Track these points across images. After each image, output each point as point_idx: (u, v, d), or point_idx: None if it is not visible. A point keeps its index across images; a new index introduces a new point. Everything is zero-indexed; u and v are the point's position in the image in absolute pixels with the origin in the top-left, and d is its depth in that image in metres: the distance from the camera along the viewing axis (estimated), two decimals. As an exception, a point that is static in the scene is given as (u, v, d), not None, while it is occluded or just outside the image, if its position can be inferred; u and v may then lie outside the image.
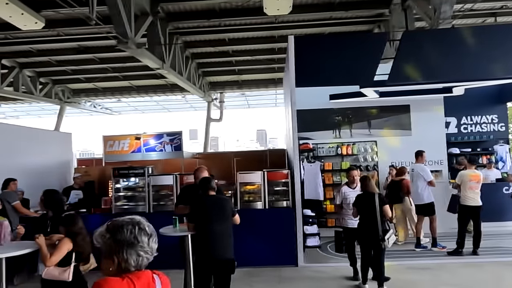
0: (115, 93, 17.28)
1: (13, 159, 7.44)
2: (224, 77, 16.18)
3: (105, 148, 10.60)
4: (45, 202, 4.33)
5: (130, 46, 7.85)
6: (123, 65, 13.69)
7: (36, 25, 9.37)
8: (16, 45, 11.72)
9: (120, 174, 6.82)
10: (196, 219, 4.18)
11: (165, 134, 10.75)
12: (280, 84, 16.90)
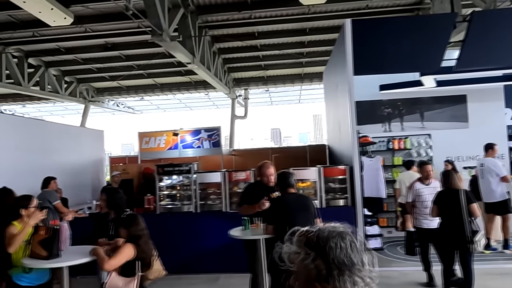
0: (139, 91, 17.10)
1: (48, 157, 7.20)
2: (249, 73, 15.78)
3: (141, 145, 10.30)
4: (108, 202, 4.00)
5: (165, 39, 7.51)
6: (149, 62, 13.43)
7: (65, 20, 9.13)
8: (43, 43, 11.58)
9: (165, 171, 6.49)
10: (277, 220, 3.71)
11: (202, 130, 10.38)
12: (307, 79, 16.48)
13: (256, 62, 14.34)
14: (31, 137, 6.85)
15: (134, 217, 3.41)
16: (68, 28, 10.33)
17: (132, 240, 3.24)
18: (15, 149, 6.33)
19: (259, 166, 4.53)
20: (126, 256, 3.20)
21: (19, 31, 10.41)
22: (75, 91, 15.69)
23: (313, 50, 13.20)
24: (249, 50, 12.95)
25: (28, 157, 6.59)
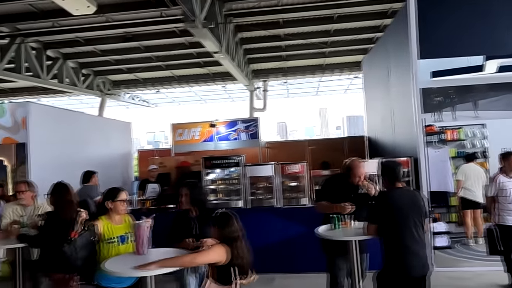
0: (156, 84, 16.79)
1: (79, 149, 6.91)
2: (269, 64, 15.38)
3: (174, 137, 9.96)
4: (192, 198, 3.63)
5: (197, 25, 7.17)
6: (168, 53, 13.09)
7: (88, 9, 8.79)
8: (62, 34, 11.28)
9: (213, 164, 6.15)
10: (382, 219, 3.28)
11: (239, 121, 10.03)
12: (328, 70, 16.06)
13: (277, 52, 13.93)
14: (68, 129, 6.59)
15: (229, 216, 2.98)
16: (89, 17, 10.03)
17: (226, 242, 2.86)
18: (51, 141, 6.08)
19: (349, 165, 4.02)
20: (217, 256, 2.83)
21: (39, 21, 10.10)
22: (92, 84, 15.43)
23: (338, 39, 12.76)
24: (271, 39, 12.56)
25: (64, 149, 6.34)
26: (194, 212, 3.62)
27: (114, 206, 3.36)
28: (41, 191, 5.81)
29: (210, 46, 8.93)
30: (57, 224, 3.45)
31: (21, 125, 5.71)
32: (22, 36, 11.14)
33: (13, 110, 5.82)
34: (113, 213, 3.39)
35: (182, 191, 3.68)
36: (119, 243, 3.33)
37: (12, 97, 18.06)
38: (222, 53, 9.42)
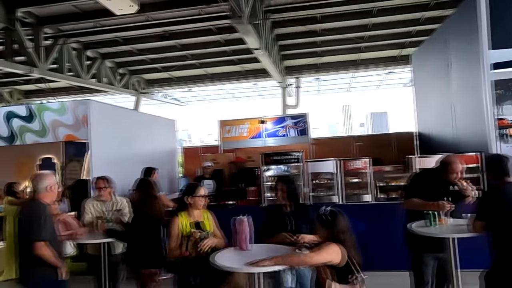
0: (189, 82, 16.93)
1: (132, 146, 7.00)
2: (303, 60, 15.21)
3: (222, 134, 10.01)
4: (289, 193, 3.58)
5: (243, 21, 7.11)
6: (203, 51, 13.15)
7: (131, 8, 8.92)
8: (102, 34, 11.51)
9: (273, 160, 6.12)
10: (491, 216, 3.08)
11: (288, 117, 9.97)
12: (362, 65, 15.75)
13: (312, 48, 13.78)
14: (122, 126, 6.68)
15: (338, 214, 2.83)
16: (129, 17, 10.18)
17: (337, 241, 2.73)
18: (109, 138, 6.18)
19: (445, 161, 3.76)
20: (334, 255, 2.69)
21: (82, 22, 10.33)
22: (128, 83, 15.72)
23: (376, 33, 12.48)
24: (307, 35, 12.41)
25: (119, 146, 6.43)
26: (289, 208, 3.54)
27: (194, 202, 3.36)
28: None
29: (252, 42, 8.89)
30: (143, 220, 3.47)
31: (82, 123, 5.82)
32: (64, 37, 11.42)
33: (74, 108, 5.93)
34: (192, 208, 3.38)
35: (278, 186, 3.63)
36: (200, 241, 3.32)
37: (51, 97, 18.62)
38: (262, 49, 9.35)
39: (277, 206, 3.62)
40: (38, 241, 3.06)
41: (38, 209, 3.14)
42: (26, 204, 3.35)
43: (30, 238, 3.09)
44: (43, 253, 3.08)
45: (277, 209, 3.60)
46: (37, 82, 16.53)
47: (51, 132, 5.97)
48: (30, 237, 3.08)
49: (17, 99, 18.07)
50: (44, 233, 3.09)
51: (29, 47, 10.09)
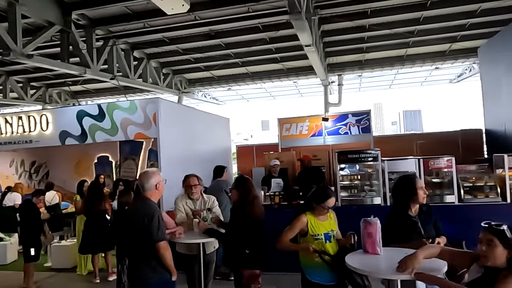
0: (229, 81, 16.95)
1: (194, 144, 7.02)
2: (347, 57, 14.87)
3: (281, 132, 9.93)
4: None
5: (302, 17, 6.95)
6: (247, 50, 13.09)
7: (183, 8, 8.90)
8: (150, 34, 11.64)
9: (349, 159, 5.95)
10: None
11: (350, 114, 9.76)
12: (408, 61, 15.22)
13: (358, 44, 13.41)
14: (186, 124, 6.72)
15: None
16: (178, 17, 10.24)
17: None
18: (176, 136, 6.22)
19: None
20: None
21: (132, 22, 10.47)
22: (171, 83, 15.91)
23: (427, 27, 11.99)
24: (354, 31, 12.09)
25: (184, 144, 6.47)
26: (414, 211, 3.34)
27: (319, 210, 3.28)
28: (171, 186, 5.96)
29: (305, 39, 8.71)
30: (244, 219, 3.40)
31: (152, 121, 5.86)
32: (114, 38, 11.65)
33: (144, 106, 5.99)
34: (317, 211, 3.30)
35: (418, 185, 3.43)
36: (325, 241, 3.22)
37: (95, 98, 19.21)
38: (313, 46, 9.15)
39: (398, 208, 3.42)
40: (160, 241, 3.03)
41: (154, 208, 3.11)
42: (136, 203, 3.31)
43: (152, 239, 3.05)
44: (165, 254, 3.06)
45: (401, 212, 3.39)
46: (83, 83, 17.11)
47: (121, 130, 6.06)
48: (152, 238, 3.05)
49: (64, 100, 18.73)
50: (164, 233, 3.07)
51: (83, 48, 10.34)
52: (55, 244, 7.11)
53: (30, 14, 8.77)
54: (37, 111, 7.31)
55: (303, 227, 3.19)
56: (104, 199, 6.32)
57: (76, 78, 15.88)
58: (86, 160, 9.30)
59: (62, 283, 6.67)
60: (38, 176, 10.01)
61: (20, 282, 6.47)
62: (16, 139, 6.84)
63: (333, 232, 3.27)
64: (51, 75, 15.72)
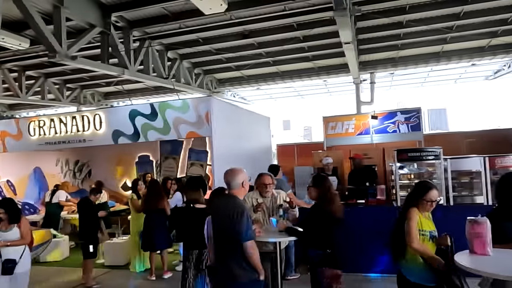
0: (259, 81, 16.93)
1: (241, 142, 7.03)
2: (380, 54, 14.57)
3: (326, 131, 9.87)
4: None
5: (347, 13, 6.85)
6: (280, 49, 13.06)
7: (221, 7, 8.94)
8: (185, 35, 11.76)
9: (409, 157, 5.83)
10: None
11: (398, 112, 9.60)
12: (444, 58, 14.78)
13: (393, 41, 13.13)
14: (235, 123, 6.74)
15: None
16: (214, 17, 10.28)
17: None
18: (226, 135, 6.24)
19: None
20: None
21: (169, 23, 10.58)
22: (202, 83, 16.03)
23: (467, 22, 11.62)
24: (390, 27, 11.85)
25: (233, 142, 6.49)
26: None
27: (423, 205, 3.20)
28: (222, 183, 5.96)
29: (346, 36, 8.60)
30: (324, 218, 3.36)
31: (205, 120, 5.88)
32: (149, 39, 11.82)
33: (196, 105, 6.03)
34: (421, 206, 3.25)
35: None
36: (429, 239, 3.16)
37: (127, 98, 19.56)
38: (352, 43, 9.02)
39: (503, 207, 3.28)
40: (249, 241, 3.01)
41: (243, 206, 3.10)
42: (223, 200, 3.29)
43: (241, 237, 3.03)
44: (253, 253, 3.03)
45: (506, 211, 3.25)
46: (116, 84, 17.46)
47: (173, 129, 6.11)
48: (241, 236, 3.03)
49: (97, 101, 19.16)
50: (253, 232, 3.05)
51: (121, 50, 10.53)
52: (107, 241, 7.24)
53: (73, 16, 8.98)
54: (90, 110, 7.48)
55: (417, 221, 3.10)
56: (163, 197, 6.42)
57: (109, 79, 16.29)
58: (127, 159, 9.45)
59: (118, 280, 6.77)
60: (81, 175, 10.28)
61: (76, 277, 6.64)
62: (70, 138, 7.02)
63: (435, 232, 3.19)
64: (86, 77, 16.11)
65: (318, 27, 11.11)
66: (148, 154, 9.39)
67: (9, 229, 4.68)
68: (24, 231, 4.75)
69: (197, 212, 4.70)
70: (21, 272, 4.66)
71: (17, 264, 4.59)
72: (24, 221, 4.84)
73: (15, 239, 4.65)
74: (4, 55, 12.55)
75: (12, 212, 4.71)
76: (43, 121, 7.39)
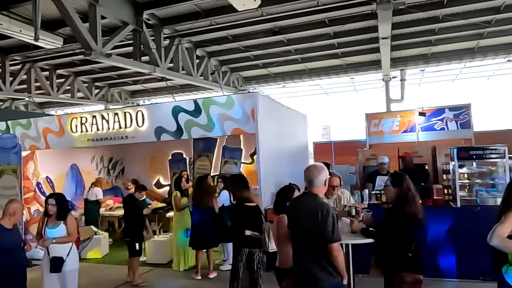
0: (286, 78, 16.76)
1: (283, 140, 6.88)
2: (412, 50, 14.17)
3: (369, 128, 9.64)
4: None
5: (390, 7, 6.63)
6: (309, 45, 12.82)
7: (254, 3, 8.81)
8: (215, 32, 11.69)
9: (471, 155, 5.58)
10: None
11: (447, 109, 9.27)
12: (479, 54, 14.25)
13: (425, 37, 12.73)
14: (278, 120, 6.61)
15: None
16: (244, 13, 10.15)
17: None
18: (270, 132, 6.12)
19: None
20: None
21: (200, 20, 10.52)
22: (229, 81, 15.97)
23: (507, 16, 11.14)
24: (425, 22, 11.47)
25: (276, 140, 6.36)
26: None
27: None
28: (268, 182, 5.85)
29: (385, 31, 8.38)
30: (401, 219, 3.17)
31: (251, 116, 5.76)
32: (179, 37, 11.81)
33: (242, 101, 5.91)
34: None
35: None
36: None
37: (153, 96, 19.72)
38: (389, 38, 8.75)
39: None
40: (335, 242, 2.87)
41: (328, 206, 2.94)
42: (304, 199, 3.13)
43: (327, 239, 2.89)
44: (338, 255, 2.89)
45: None
46: (143, 83, 17.59)
47: (218, 126, 6.01)
48: (326, 238, 2.88)
49: (124, 99, 19.37)
50: (339, 234, 2.90)
51: (153, 48, 10.53)
52: (149, 239, 7.17)
53: (107, 14, 9.02)
54: (133, 107, 7.46)
55: None
56: (212, 195, 6.36)
57: (136, 78, 16.42)
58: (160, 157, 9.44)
59: (162, 278, 6.70)
60: (114, 172, 10.35)
61: (119, 275, 6.64)
62: (112, 135, 7.01)
63: None
64: (114, 75, 16.28)
65: (351, 22, 10.85)
66: (181, 151, 9.34)
67: (56, 225, 4.63)
68: (71, 228, 4.68)
69: (248, 210, 4.62)
70: (69, 269, 4.61)
71: (64, 262, 4.55)
72: (70, 218, 4.75)
73: (62, 236, 4.62)
74: (36, 54, 12.79)
75: (62, 208, 4.67)
76: (85, 118, 7.40)
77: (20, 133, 8.08)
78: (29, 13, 9.21)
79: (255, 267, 4.46)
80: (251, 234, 4.55)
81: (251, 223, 4.59)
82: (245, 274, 4.43)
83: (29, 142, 7.98)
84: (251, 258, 4.46)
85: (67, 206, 4.82)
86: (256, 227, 4.57)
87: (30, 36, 8.71)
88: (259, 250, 4.53)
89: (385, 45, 9.66)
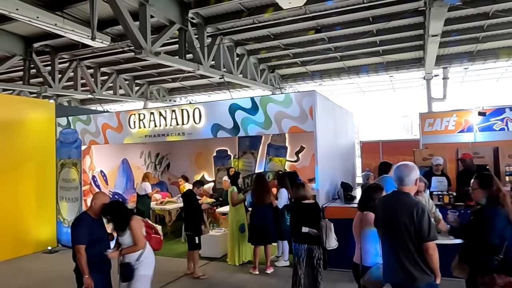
0: (324, 76, 16.64)
1: (336, 138, 6.85)
2: (456, 48, 13.72)
3: (423, 128, 9.51)
4: None
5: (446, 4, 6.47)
6: (351, 43, 12.66)
7: (300, 1, 8.84)
8: (256, 30, 11.75)
9: None
10: None
11: (507, 108, 9.00)
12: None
13: (473, 34, 12.28)
14: (333, 119, 6.61)
15: None
16: (287, 11, 10.15)
17: None
18: (326, 130, 6.13)
19: None
20: None
21: (243, 18, 10.60)
22: (266, 79, 16.02)
23: None
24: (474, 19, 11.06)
25: (331, 139, 6.37)
26: None
27: None
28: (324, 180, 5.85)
29: (436, 28, 8.14)
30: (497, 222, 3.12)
31: (309, 115, 5.79)
32: (221, 35, 11.95)
33: (300, 100, 5.95)
34: None
35: None
36: None
37: (190, 94, 20.06)
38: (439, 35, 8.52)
39: None
40: (431, 241, 2.89)
41: (422, 204, 2.95)
42: (398, 198, 3.11)
43: (422, 238, 2.91)
44: (434, 254, 2.91)
45: None
46: (181, 81, 17.91)
47: (275, 124, 6.07)
48: (423, 236, 2.90)
49: (162, 96, 19.80)
50: (436, 233, 2.92)
51: (197, 46, 10.71)
52: (207, 233, 7.27)
53: (156, 13, 9.24)
54: (189, 104, 7.64)
55: None
56: (270, 192, 6.45)
57: (175, 75, 16.75)
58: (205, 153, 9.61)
59: (221, 272, 6.78)
60: (161, 168, 10.64)
61: (177, 267, 6.82)
62: (170, 131, 7.21)
63: None
64: (154, 73, 16.68)
65: (396, 19, 10.63)
66: (226, 148, 9.47)
67: (123, 234, 4.21)
68: (137, 235, 4.20)
69: (307, 208, 4.66)
70: (141, 274, 4.22)
71: (134, 268, 4.18)
72: (135, 223, 4.25)
73: (128, 246, 4.21)
74: (83, 52, 13.28)
75: (117, 220, 4.20)
76: (143, 114, 7.65)
77: (80, 128, 8.45)
78: (80, 14, 9.64)
79: (315, 263, 4.50)
80: (309, 231, 4.59)
81: (309, 220, 4.63)
82: (306, 271, 4.47)
83: (89, 137, 8.34)
84: (311, 254, 4.50)
85: (123, 216, 4.25)
86: (314, 224, 4.60)
87: (83, 35, 9.08)
88: (318, 246, 4.57)
89: (434, 43, 9.40)
